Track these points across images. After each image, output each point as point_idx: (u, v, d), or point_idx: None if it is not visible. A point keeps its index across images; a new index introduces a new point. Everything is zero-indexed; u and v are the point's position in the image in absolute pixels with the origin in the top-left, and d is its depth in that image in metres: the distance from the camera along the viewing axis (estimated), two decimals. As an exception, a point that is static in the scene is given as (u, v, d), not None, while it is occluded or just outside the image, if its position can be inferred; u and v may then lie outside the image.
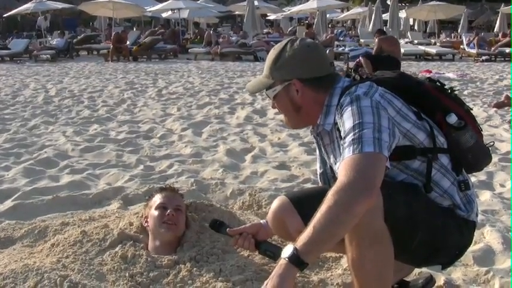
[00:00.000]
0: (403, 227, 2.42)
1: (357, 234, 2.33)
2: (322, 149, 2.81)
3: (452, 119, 2.60)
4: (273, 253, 2.89)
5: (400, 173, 2.59)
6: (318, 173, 2.97)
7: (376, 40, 13.12)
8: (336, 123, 2.55)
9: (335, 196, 2.21)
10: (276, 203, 2.75)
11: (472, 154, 2.66)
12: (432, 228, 2.54)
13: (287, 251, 2.22)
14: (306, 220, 2.32)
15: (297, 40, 2.71)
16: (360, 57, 12.66)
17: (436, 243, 2.59)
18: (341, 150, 2.39)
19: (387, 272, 2.42)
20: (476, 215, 2.75)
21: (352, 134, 2.34)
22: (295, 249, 2.20)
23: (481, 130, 2.79)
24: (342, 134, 2.41)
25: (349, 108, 2.43)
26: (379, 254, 2.37)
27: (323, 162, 2.88)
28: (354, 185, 2.21)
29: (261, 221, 2.98)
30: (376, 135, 2.31)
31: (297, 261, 2.20)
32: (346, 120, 2.41)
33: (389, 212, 2.35)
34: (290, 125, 2.88)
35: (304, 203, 2.59)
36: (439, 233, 2.57)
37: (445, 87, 2.75)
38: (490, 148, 2.85)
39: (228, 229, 3.01)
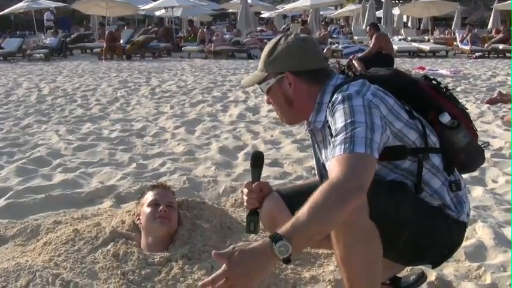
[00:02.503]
0: (389, 226, 2.40)
1: (343, 233, 2.31)
2: (316, 146, 2.80)
3: (445, 118, 2.59)
4: (253, 229, 2.79)
5: (391, 172, 2.57)
6: (315, 168, 2.96)
7: (374, 38, 13.05)
8: (327, 121, 2.53)
9: (327, 191, 2.16)
10: (267, 199, 2.75)
11: (464, 154, 2.64)
12: (420, 227, 2.53)
13: (273, 239, 2.09)
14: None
15: (291, 34, 2.71)
16: (353, 60, 12.63)
17: (424, 243, 2.58)
18: (332, 148, 2.38)
19: (376, 269, 2.41)
20: (467, 216, 2.72)
21: (344, 132, 2.31)
22: (284, 240, 2.08)
23: (476, 130, 2.76)
24: (333, 132, 2.39)
25: (341, 107, 2.40)
26: (367, 251, 2.35)
27: (317, 158, 2.87)
28: (346, 182, 2.17)
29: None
30: (369, 135, 2.28)
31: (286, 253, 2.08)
32: (338, 119, 2.38)
33: (375, 210, 2.34)
34: (284, 121, 2.84)
35: (295, 199, 2.56)
36: (427, 232, 2.56)
37: (440, 85, 2.73)
38: (483, 148, 2.84)
39: (256, 182, 2.79)
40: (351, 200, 2.16)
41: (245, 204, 2.83)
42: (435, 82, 2.73)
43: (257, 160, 2.83)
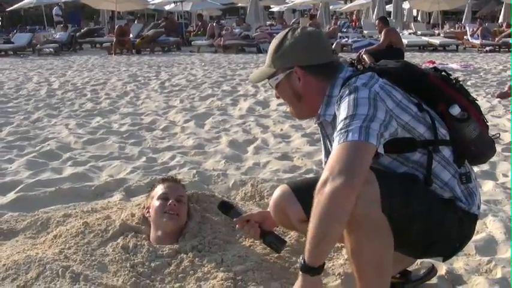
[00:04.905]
0: (400, 219, 2.40)
1: (355, 226, 2.32)
2: (326, 139, 2.79)
3: (455, 110, 2.57)
4: (277, 246, 2.97)
5: (401, 165, 2.56)
6: (323, 161, 2.96)
7: (383, 33, 12.98)
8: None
9: (318, 193, 2.25)
10: (277, 192, 2.75)
11: (475, 146, 2.63)
12: (431, 220, 2.52)
13: (299, 262, 2.37)
14: (307, 209, 2.32)
15: (298, 28, 2.70)
16: (362, 54, 12.59)
17: (435, 235, 2.57)
18: None
19: (387, 263, 2.41)
20: (478, 208, 2.71)
21: (342, 124, 2.34)
22: (302, 258, 2.32)
23: (487, 122, 2.75)
24: (337, 125, 2.41)
25: (346, 99, 2.41)
26: (378, 245, 2.36)
27: (327, 151, 2.86)
28: (334, 177, 2.21)
29: (268, 210, 2.98)
30: (365, 124, 2.30)
31: (307, 269, 2.31)
32: (342, 112, 2.39)
33: (386, 203, 2.34)
34: (295, 115, 2.86)
35: (305, 192, 2.55)
36: (438, 225, 2.55)
37: (450, 77, 2.71)
38: (494, 140, 2.82)
39: (234, 218, 3.05)
40: (341, 193, 2.21)
41: (252, 238, 3.15)
42: (445, 74, 2.72)
43: (224, 207, 3.19)
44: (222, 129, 7.51)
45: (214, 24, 28.44)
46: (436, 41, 24.86)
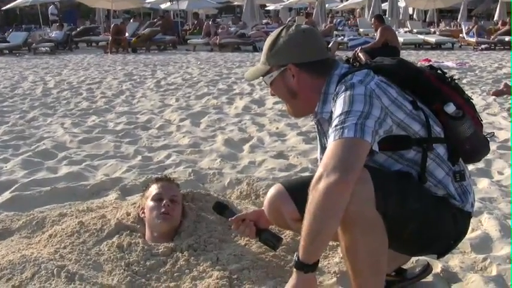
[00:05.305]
0: (395, 216, 2.40)
1: (349, 224, 2.33)
2: (322, 136, 2.79)
3: (450, 108, 2.57)
4: (273, 243, 2.97)
5: (395, 163, 2.56)
6: (319, 159, 2.96)
7: (379, 31, 13.00)
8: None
9: (313, 190, 2.25)
10: (271, 191, 2.75)
11: (469, 144, 2.63)
12: (425, 217, 2.52)
13: (293, 259, 2.37)
14: (301, 208, 2.32)
15: (292, 26, 2.70)
16: (358, 52, 12.60)
17: (429, 233, 2.58)
18: None
19: (381, 261, 2.42)
20: (472, 206, 2.71)
21: (337, 121, 2.34)
22: (297, 255, 2.33)
23: (481, 120, 2.75)
24: (332, 121, 2.41)
25: (342, 96, 2.41)
26: (372, 243, 2.36)
27: (323, 149, 2.86)
28: (329, 173, 2.22)
29: (263, 208, 2.98)
30: (360, 121, 2.30)
31: (301, 266, 2.31)
32: (337, 108, 2.40)
33: (381, 201, 2.34)
34: (291, 113, 2.86)
35: (299, 191, 2.55)
36: (433, 222, 2.56)
37: (446, 75, 2.71)
38: (488, 139, 2.83)
39: (230, 218, 3.05)
40: (334, 190, 2.21)
41: (248, 237, 3.12)
42: (440, 72, 2.72)
43: (219, 208, 3.20)
44: (217, 127, 7.50)
45: (210, 22, 28.39)
46: (431, 39, 24.86)
